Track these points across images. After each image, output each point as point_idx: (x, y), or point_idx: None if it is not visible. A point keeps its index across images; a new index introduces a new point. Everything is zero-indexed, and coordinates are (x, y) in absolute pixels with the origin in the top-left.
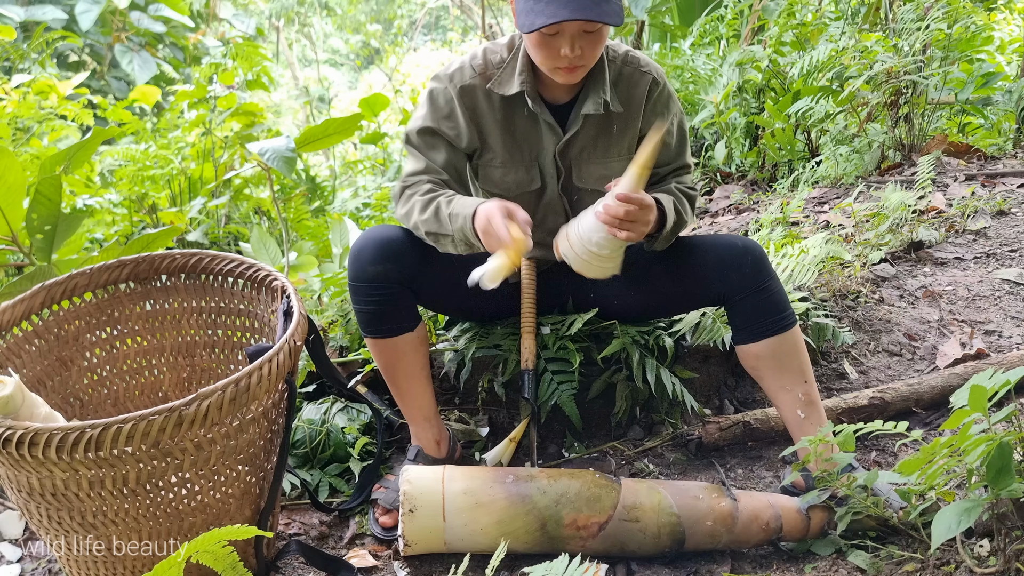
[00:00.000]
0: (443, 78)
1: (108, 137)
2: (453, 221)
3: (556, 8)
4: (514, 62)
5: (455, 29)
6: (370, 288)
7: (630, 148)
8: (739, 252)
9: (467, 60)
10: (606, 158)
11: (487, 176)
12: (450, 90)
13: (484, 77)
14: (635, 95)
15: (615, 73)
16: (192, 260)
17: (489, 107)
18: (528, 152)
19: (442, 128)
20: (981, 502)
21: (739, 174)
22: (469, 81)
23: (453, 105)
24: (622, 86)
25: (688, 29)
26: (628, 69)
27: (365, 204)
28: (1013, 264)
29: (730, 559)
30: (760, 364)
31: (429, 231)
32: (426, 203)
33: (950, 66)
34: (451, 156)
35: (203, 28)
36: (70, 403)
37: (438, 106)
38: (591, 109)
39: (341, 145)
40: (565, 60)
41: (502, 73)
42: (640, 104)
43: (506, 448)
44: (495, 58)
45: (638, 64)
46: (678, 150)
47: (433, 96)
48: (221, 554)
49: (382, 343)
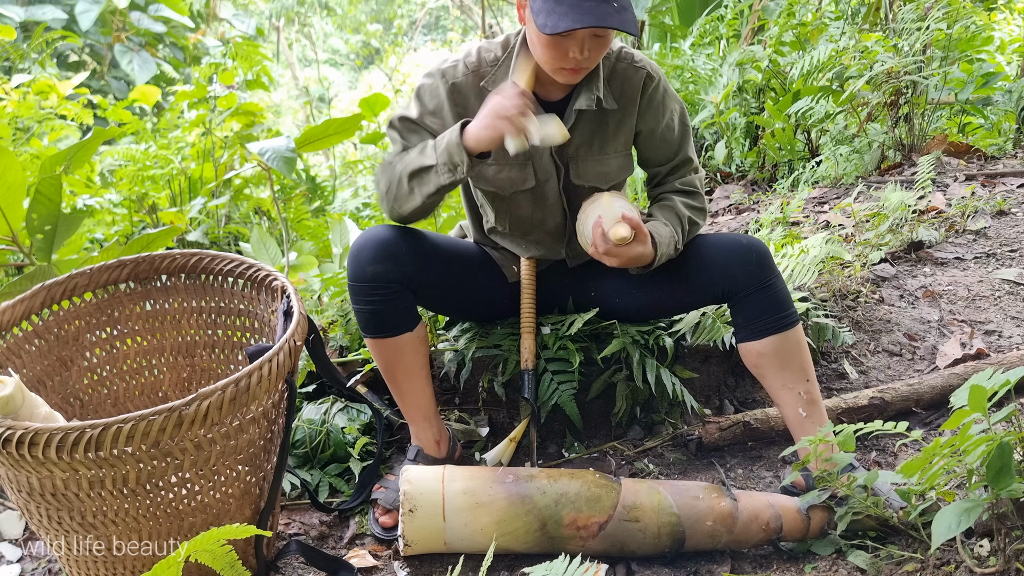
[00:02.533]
0: (435, 74)
1: (108, 137)
2: (438, 145)
3: (580, 14)
4: (508, 60)
5: (455, 29)
6: (369, 288)
7: (626, 144)
8: (744, 249)
9: (460, 57)
10: (603, 154)
11: (480, 174)
12: (440, 86)
13: (477, 75)
14: (629, 91)
15: (608, 70)
16: (192, 260)
17: (480, 105)
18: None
19: (426, 122)
20: (981, 502)
21: (739, 174)
22: (461, 79)
23: (441, 101)
24: (616, 83)
25: (688, 29)
26: (622, 65)
27: (365, 204)
28: (1013, 264)
29: (730, 559)
30: (763, 362)
31: (413, 171)
32: (404, 151)
33: (950, 66)
34: None
35: (203, 28)
36: (70, 403)
37: (424, 102)
38: (584, 105)
39: (341, 145)
40: (572, 62)
41: (496, 71)
42: (635, 100)
43: (506, 448)
44: (489, 56)
45: (632, 60)
46: (679, 145)
47: (421, 92)
48: (220, 553)
49: (382, 343)
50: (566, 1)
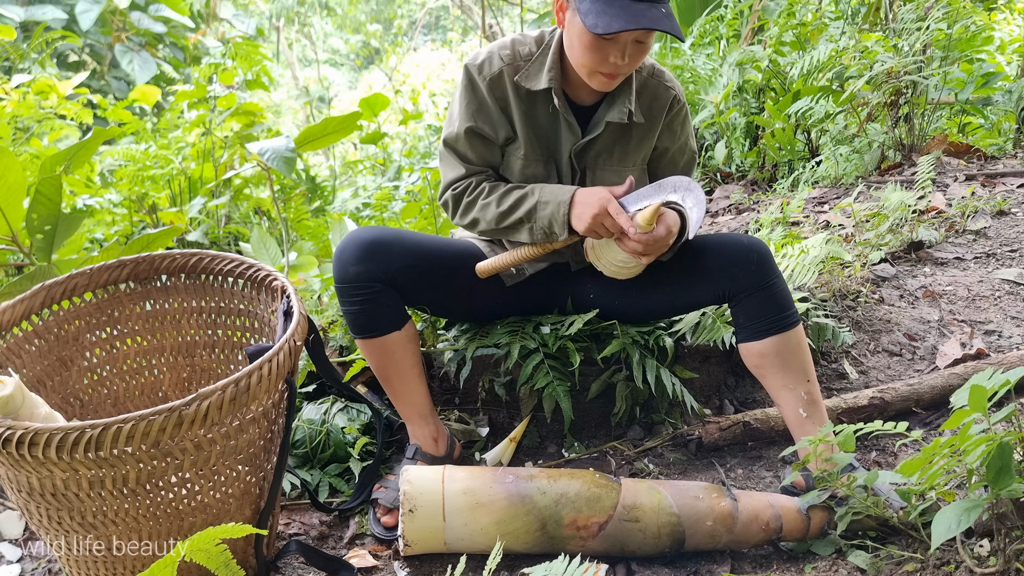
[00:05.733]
0: (472, 68)
1: (108, 137)
2: (539, 208)
3: (633, 15)
4: (543, 57)
5: (455, 29)
6: (352, 288)
7: (644, 159)
8: (745, 249)
9: (495, 49)
10: (621, 166)
11: (509, 165)
12: (479, 83)
13: (513, 67)
14: (656, 108)
15: (640, 83)
16: (192, 260)
17: (516, 97)
18: (547, 148)
19: (478, 124)
20: (981, 502)
21: (739, 174)
22: (497, 71)
23: (484, 97)
24: (645, 97)
25: (688, 29)
26: (653, 82)
27: (365, 204)
28: (1013, 264)
29: (730, 559)
30: (763, 362)
31: (506, 225)
32: (503, 195)
33: (950, 66)
34: (488, 153)
35: (203, 28)
36: (70, 403)
37: (468, 101)
38: (616, 117)
39: (341, 145)
40: (611, 67)
41: (530, 67)
42: (659, 118)
43: (506, 448)
44: (524, 50)
45: (663, 79)
46: (684, 170)
47: (464, 92)
48: (214, 552)
49: (371, 343)
50: (616, 4)
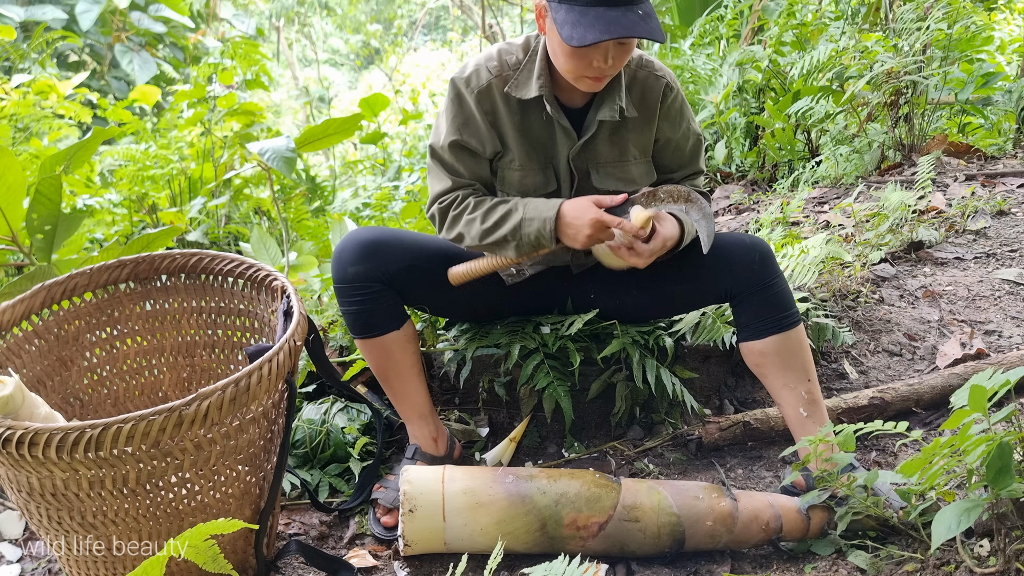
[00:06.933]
0: (458, 82)
1: (108, 137)
2: (525, 224)
3: (607, 24)
4: (531, 65)
5: (455, 29)
6: (351, 289)
7: (644, 151)
8: (747, 249)
9: (482, 61)
10: (623, 162)
11: (505, 178)
12: (466, 96)
13: (501, 79)
14: (650, 99)
15: (629, 77)
16: (192, 260)
17: (507, 109)
18: (543, 155)
19: (464, 138)
20: (981, 502)
21: (739, 174)
22: (485, 84)
23: (471, 111)
24: (636, 90)
25: (688, 29)
26: (643, 73)
27: (365, 204)
28: (1013, 264)
29: (730, 559)
30: (764, 362)
31: (493, 241)
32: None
33: (950, 66)
34: (476, 167)
35: (203, 28)
36: (70, 403)
37: (455, 115)
38: (607, 115)
39: (341, 145)
40: (596, 71)
41: (518, 76)
42: (655, 108)
43: (506, 448)
44: (511, 59)
45: (652, 68)
46: (692, 155)
47: (450, 105)
48: (203, 547)
49: (370, 343)
50: (591, 12)
